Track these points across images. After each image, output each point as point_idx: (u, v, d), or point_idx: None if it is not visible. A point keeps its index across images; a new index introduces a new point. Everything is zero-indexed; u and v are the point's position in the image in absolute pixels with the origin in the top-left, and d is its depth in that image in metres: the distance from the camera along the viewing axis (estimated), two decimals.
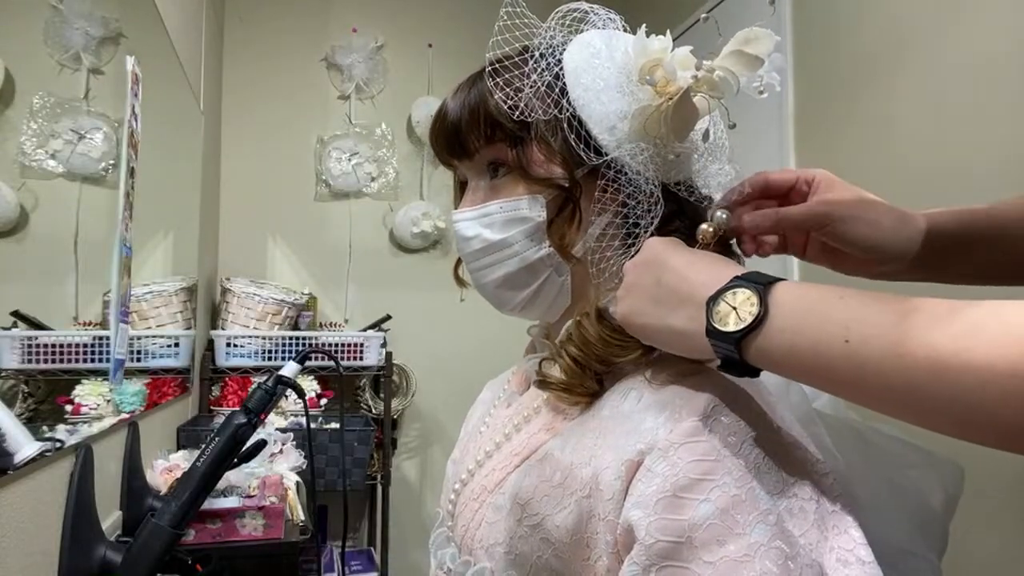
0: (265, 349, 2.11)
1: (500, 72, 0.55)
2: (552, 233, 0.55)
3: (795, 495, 0.42)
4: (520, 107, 0.53)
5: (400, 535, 2.41)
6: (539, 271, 0.57)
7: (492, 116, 0.55)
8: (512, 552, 0.51)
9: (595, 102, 0.53)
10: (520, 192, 0.56)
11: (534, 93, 0.54)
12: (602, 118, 0.53)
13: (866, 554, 0.42)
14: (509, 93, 0.54)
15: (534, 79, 0.54)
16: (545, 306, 0.59)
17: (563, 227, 0.55)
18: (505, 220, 0.56)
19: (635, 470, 0.44)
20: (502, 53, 0.56)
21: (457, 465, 0.66)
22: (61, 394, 1.02)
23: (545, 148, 0.55)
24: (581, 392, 0.52)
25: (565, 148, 0.54)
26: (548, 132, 0.54)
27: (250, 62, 2.50)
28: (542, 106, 0.54)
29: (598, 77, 0.54)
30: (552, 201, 0.55)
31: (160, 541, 0.80)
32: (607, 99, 0.53)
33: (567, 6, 0.57)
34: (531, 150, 0.55)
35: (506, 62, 0.55)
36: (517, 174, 0.56)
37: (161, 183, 1.54)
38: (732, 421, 0.43)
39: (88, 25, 1.07)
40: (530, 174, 0.55)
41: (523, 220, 0.56)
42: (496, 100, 0.54)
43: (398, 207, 2.61)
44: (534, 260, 0.56)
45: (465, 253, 0.59)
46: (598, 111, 0.53)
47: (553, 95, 0.54)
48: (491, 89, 0.55)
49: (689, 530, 0.40)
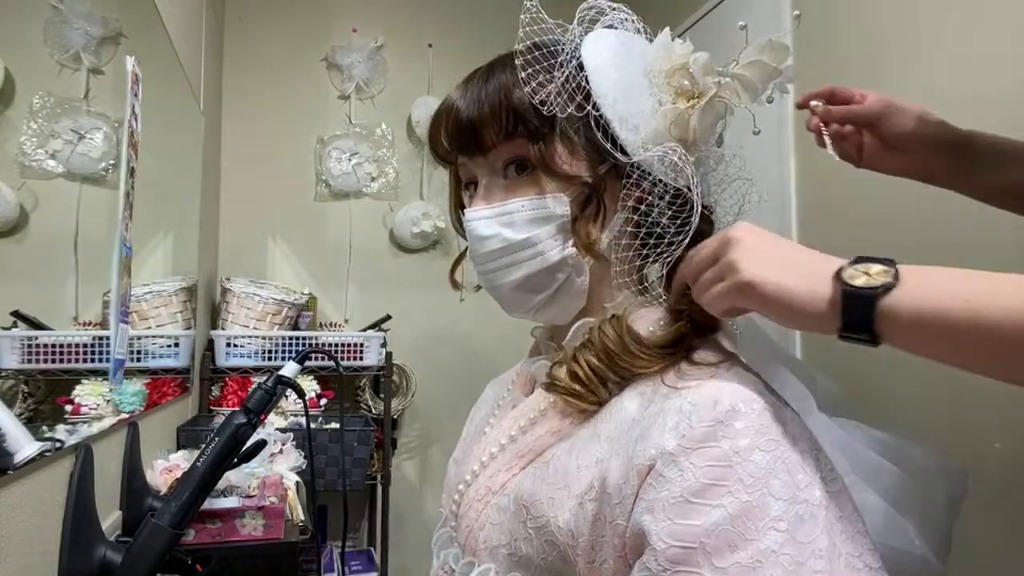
0: (265, 349, 2.11)
1: (529, 64, 0.54)
2: (578, 230, 0.55)
3: (805, 501, 0.42)
4: (549, 102, 0.53)
5: (400, 535, 2.41)
6: (559, 272, 0.56)
7: (516, 110, 0.54)
8: (516, 554, 0.51)
9: (620, 101, 0.53)
10: (543, 190, 0.55)
11: (558, 92, 0.53)
12: (627, 117, 0.53)
13: (873, 560, 0.42)
14: (536, 88, 0.53)
15: (561, 75, 0.53)
16: (560, 308, 0.58)
17: (587, 224, 0.54)
18: (529, 218, 0.55)
19: (646, 475, 0.44)
20: (525, 47, 0.56)
21: (460, 465, 0.65)
22: (61, 394, 1.02)
23: (568, 145, 0.54)
24: (591, 400, 0.52)
25: (589, 145, 0.54)
26: (572, 129, 0.54)
27: (250, 62, 2.50)
28: (569, 103, 0.53)
29: (622, 76, 0.54)
30: (575, 199, 0.55)
31: (160, 541, 0.80)
32: (631, 99, 0.53)
33: (590, 2, 0.57)
34: (553, 147, 0.55)
35: (528, 56, 0.54)
36: (539, 171, 0.55)
37: (161, 183, 1.54)
38: (744, 426, 0.43)
39: (88, 25, 1.06)
40: (554, 170, 0.54)
41: (548, 218, 0.55)
42: (522, 93, 0.53)
43: (398, 207, 2.61)
44: (556, 260, 0.55)
45: (480, 254, 0.58)
46: (622, 110, 0.53)
47: (581, 93, 0.54)
48: (518, 82, 0.54)
49: (701, 535, 0.40)
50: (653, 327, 0.53)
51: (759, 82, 0.51)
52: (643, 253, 0.54)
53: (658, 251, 0.53)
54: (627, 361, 0.50)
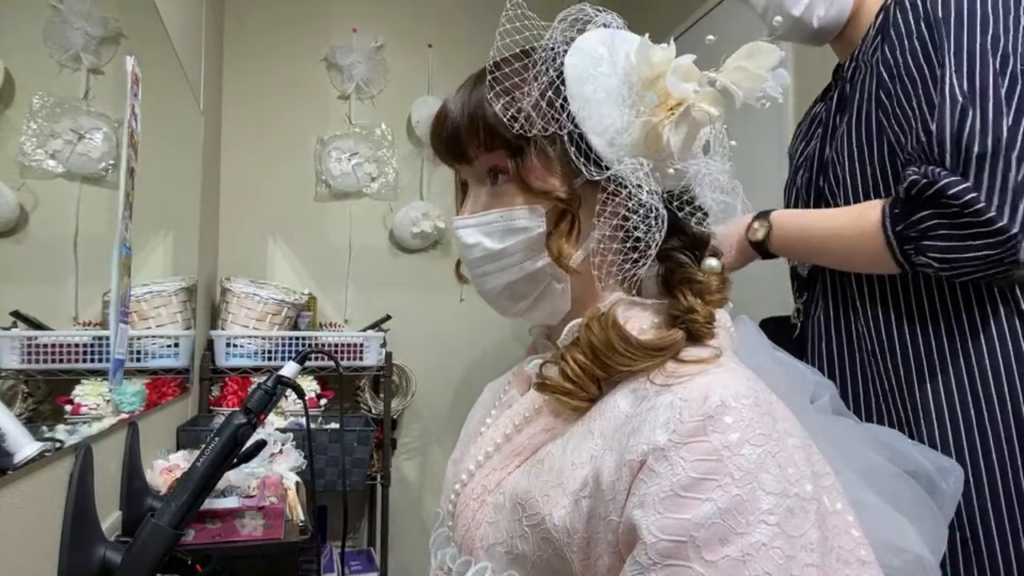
0: (265, 349, 2.11)
1: (499, 80, 0.54)
2: (551, 245, 0.55)
3: (796, 495, 0.42)
4: (520, 119, 0.53)
5: (400, 535, 2.41)
6: (539, 280, 0.57)
7: (492, 126, 0.55)
8: (512, 552, 0.51)
9: (596, 114, 0.53)
10: (519, 202, 0.55)
11: (534, 105, 0.53)
12: (603, 130, 0.53)
13: (866, 554, 0.42)
14: (508, 104, 0.53)
15: (535, 91, 0.53)
16: (547, 311, 0.59)
17: (561, 239, 0.54)
18: (504, 230, 0.56)
19: (638, 470, 0.44)
20: (502, 58, 0.56)
21: (457, 465, 0.66)
22: (61, 394, 1.02)
23: (544, 159, 0.54)
24: (582, 397, 0.52)
25: (564, 160, 0.54)
26: (548, 143, 0.54)
27: (250, 62, 2.50)
28: (542, 119, 0.53)
29: (599, 88, 0.53)
30: (551, 212, 0.55)
31: (160, 541, 0.80)
32: (608, 111, 0.53)
33: (570, 11, 0.56)
34: (530, 160, 0.55)
35: (506, 69, 0.55)
36: (516, 184, 0.55)
37: (161, 183, 1.54)
38: (734, 421, 0.43)
39: (88, 25, 1.07)
40: (529, 185, 0.55)
41: (522, 231, 0.55)
42: (495, 110, 0.54)
43: (398, 207, 2.61)
44: (534, 270, 0.56)
45: (467, 260, 0.59)
46: (599, 123, 0.53)
47: (554, 108, 0.53)
48: (490, 99, 0.54)
49: (691, 529, 0.40)
50: (646, 327, 0.53)
51: (742, 87, 0.50)
52: (620, 262, 0.54)
53: (633, 260, 0.53)
54: (613, 358, 0.51)
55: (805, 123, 1.13)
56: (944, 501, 0.55)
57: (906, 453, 0.56)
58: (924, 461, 0.56)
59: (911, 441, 0.58)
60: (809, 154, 1.06)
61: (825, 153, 1.00)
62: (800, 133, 1.13)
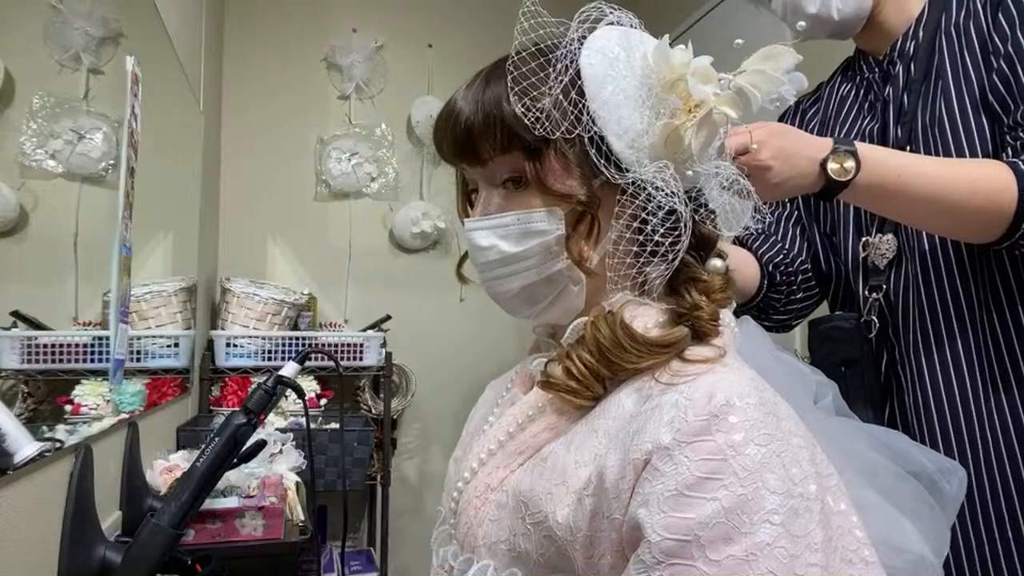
0: (265, 349, 2.11)
1: (518, 80, 0.53)
2: (571, 247, 0.54)
3: (800, 495, 0.42)
4: (541, 120, 0.52)
5: (400, 535, 2.41)
6: (557, 283, 0.56)
7: (510, 126, 0.53)
8: (515, 550, 0.51)
9: (615, 116, 0.52)
10: (537, 204, 0.54)
11: (554, 105, 0.52)
12: (623, 132, 0.52)
13: (870, 554, 0.42)
14: (528, 104, 0.52)
15: (555, 92, 0.52)
16: (560, 312, 0.58)
17: (581, 241, 0.54)
18: (522, 233, 0.55)
19: (642, 469, 0.44)
20: (518, 56, 0.54)
21: (459, 463, 0.66)
22: (61, 394, 1.02)
23: (563, 161, 0.53)
24: (587, 396, 0.52)
25: (582, 162, 0.53)
26: (567, 145, 0.53)
27: (250, 62, 2.50)
28: (563, 120, 0.52)
29: (618, 89, 0.53)
30: (570, 214, 0.54)
31: (160, 541, 0.80)
32: (627, 113, 0.52)
33: (589, 11, 0.55)
34: (549, 162, 0.54)
35: (523, 68, 0.53)
36: (534, 186, 0.54)
37: (161, 183, 1.54)
38: (739, 420, 0.43)
39: (88, 25, 1.07)
40: (548, 188, 0.54)
41: (541, 233, 0.54)
42: (514, 110, 0.52)
43: (398, 207, 2.61)
44: (551, 273, 0.55)
45: (480, 263, 0.58)
46: (618, 125, 0.52)
47: (575, 111, 0.53)
48: (509, 98, 0.53)
49: (695, 528, 0.40)
50: (651, 325, 0.53)
51: (761, 92, 0.50)
52: (637, 264, 0.54)
53: (652, 264, 0.53)
54: (618, 356, 0.50)
55: (832, 108, 1.06)
56: (946, 502, 0.55)
57: (907, 453, 0.56)
58: (925, 462, 0.56)
59: (912, 441, 0.58)
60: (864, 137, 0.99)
61: (889, 132, 0.95)
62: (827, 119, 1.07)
